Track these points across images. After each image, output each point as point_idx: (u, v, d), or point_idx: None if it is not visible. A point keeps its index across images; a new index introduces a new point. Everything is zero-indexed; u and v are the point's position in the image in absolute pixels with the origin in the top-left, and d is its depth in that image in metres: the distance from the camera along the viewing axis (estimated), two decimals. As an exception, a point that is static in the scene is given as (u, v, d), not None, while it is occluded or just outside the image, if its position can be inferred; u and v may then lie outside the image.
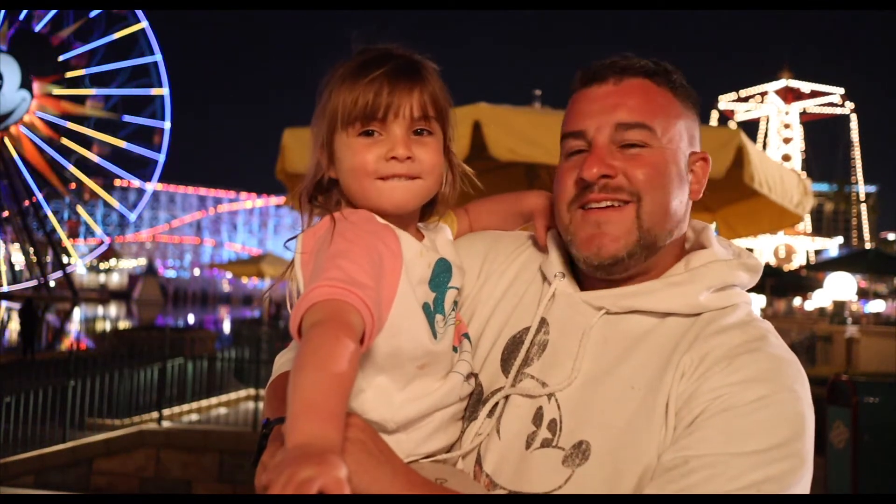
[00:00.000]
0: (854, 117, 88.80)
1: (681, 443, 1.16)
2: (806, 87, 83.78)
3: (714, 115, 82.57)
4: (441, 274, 1.34)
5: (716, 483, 1.11)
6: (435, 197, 1.38)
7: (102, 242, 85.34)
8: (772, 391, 1.16)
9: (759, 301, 25.42)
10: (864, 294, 43.63)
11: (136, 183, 78.49)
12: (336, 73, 1.31)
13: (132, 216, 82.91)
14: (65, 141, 73.27)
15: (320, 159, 1.33)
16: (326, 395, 0.96)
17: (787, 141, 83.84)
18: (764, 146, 79.59)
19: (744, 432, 1.13)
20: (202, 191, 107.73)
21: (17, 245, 76.25)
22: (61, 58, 72.82)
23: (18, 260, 78.46)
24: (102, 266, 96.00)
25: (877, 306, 50.80)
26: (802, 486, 1.15)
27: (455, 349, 1.37)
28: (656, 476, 1.16)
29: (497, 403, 1.35)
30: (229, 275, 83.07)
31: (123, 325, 43.32)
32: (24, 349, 21.37)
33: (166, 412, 11.17)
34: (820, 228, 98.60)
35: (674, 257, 1.37)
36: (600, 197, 1.31)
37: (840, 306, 25.46)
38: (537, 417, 1.31)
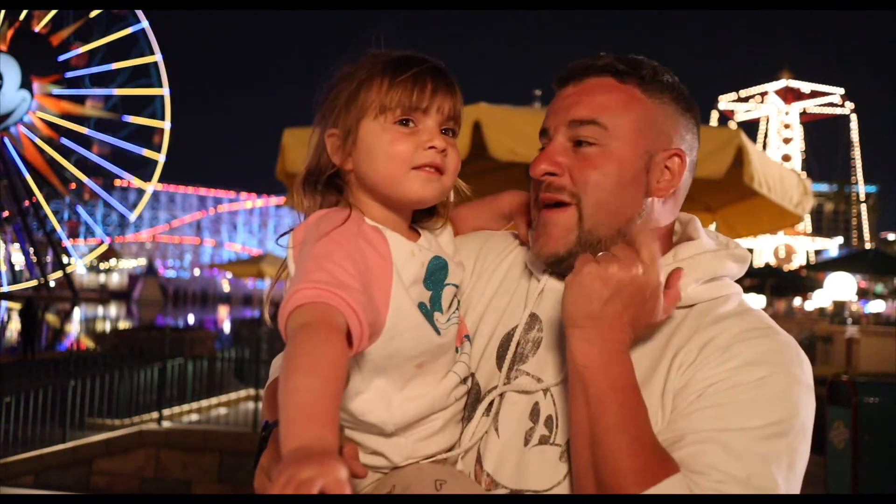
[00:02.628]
0: (854, 117, 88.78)
1: (676, 424, 1.16)
2: (806, 87, 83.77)
3: (714, 115, 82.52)
4: (436, 272, 1.33)
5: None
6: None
7: (102, 242, 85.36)
8: (770, 372, 1.17)
9: (760, 301, 25.40)
10: (864, 294, 43.64)
11: (136, 183, 78.54)
12: (363, 68, 1.30)
13: (132, 216, 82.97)
14: (65, 141, 73.31)
15: (333, 149, 1.31)
16: (320, 399, 0.95)
17: (787, 141, 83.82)
18: (764, 146, 79.57)
19: (742, 410, 1.14)
20: (202, 191, 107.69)
21: (17, 245, 76.27)
22: (61, 58, 72.90)
23: (18, 260, 78.45)
24: (102, 266, 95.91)
25: (877, 306, 50.72)
26: (801, 462, 1.16)
27: (457, 349, 1.37)
28: None
29: (493, 402, 1.35)
30: (229, 275, 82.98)
31: (123, 325, 43.30)
32: (24, 349, 21.33)
33: (166, 412, 11.15)
34: (820, 228, 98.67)
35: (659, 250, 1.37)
36: (546, 196, 1.32)
37: (840, 306, 25.45)
38: (534, 413, 1.31)
